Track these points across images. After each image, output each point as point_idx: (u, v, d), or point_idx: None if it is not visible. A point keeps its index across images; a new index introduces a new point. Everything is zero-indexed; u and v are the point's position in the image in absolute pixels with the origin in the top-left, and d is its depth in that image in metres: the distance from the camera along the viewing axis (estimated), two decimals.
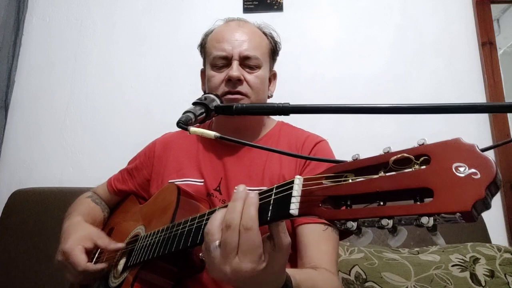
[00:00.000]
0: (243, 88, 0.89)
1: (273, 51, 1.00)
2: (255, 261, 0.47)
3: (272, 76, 1.03)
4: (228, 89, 0.89)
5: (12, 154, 1.78)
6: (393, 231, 0.36)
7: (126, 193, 1.06)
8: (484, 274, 1.10)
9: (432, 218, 0.32)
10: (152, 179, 0.99)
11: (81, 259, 0.78)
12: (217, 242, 0.49)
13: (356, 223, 0.38)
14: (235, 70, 0.88)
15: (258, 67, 0.92)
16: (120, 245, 0.82)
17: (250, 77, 0.90)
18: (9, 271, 1.39)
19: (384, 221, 0.35)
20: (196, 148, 0.97)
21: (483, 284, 1.08)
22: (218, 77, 0.91)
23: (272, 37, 1.01)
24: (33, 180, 1.69)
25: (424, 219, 0.33)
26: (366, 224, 0.37)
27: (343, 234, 0.84)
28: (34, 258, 1.40)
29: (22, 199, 1.52)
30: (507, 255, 1.16)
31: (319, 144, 0.93)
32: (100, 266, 0.79)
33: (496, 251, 1.18)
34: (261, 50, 0.93)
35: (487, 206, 0.32)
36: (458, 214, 0.31)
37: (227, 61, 0.91)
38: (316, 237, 0.79)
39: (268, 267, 0.48)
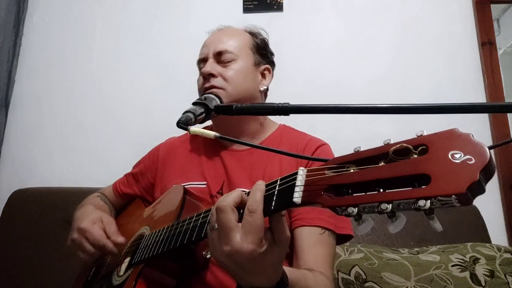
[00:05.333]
0: (217, 81, 0.91)
1: (258, 46, 1.00)
2: (255, 242, 0.48)
3: (267, 71, 1.02)
4: (205, 85, 0.93)
5: (12, 154, 1.78)
6: (392, 216, 0.37)
7: (131, 197, 1.07)
8: (484, 274, 1.10)
9: (429, 201, 0.34)
10: (156, 183, 1.01)
11: (100, 234, 0.81)
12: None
13: (356, 208, 0.39)
14: (206, 66, 0.93)
15: (232, 60, 0.93)
16: (121, 239, 0.82)
17: (224, 70, 0.93)
18: (9, 271, 1.39)
19: (383, 206, 0.36)
20: (199, 152, 0.99)
21: (483, 284, 1.08)
22: (200, 78, 0.97)
23: (255, 34, 1.02)
24: (33, 180, 1.69)
25: (421, 202, 0.34)
26: (366, 210, 0.38)
27: (342, 239, 0.85)
28: (34, 258, 1.40)
29: (22, 199, 1.52)
30: (507, 255, 1.16)
31: (321, 147, 0.94)
32: (120, 239, 0.81)
33: (496, 251, 1.18)
34: (236, 44, 0.95)
35: (481, 190, 0.33)
36: (453, 196, 0.33)
37: (206, 62, 0.95)
38: (313, 240, 0.79)
39: (267, 255, 0.49)
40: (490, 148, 0.35)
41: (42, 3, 1.97)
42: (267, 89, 1.02)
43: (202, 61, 0.97)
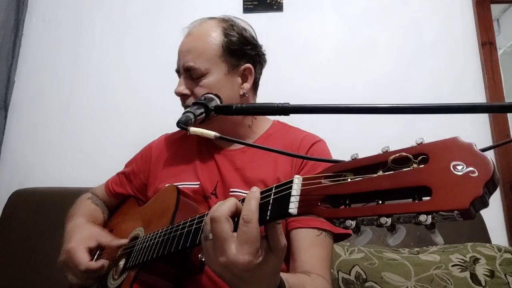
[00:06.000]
0: (189, 102, 0.88)
1: (230, 48, 0.90)
2: (252, 253, 0.47)
3: (247, 70, 0.92)
4: (182, 104, 0.92)
5: (12, 154, 1.78)
6: (392, 229, 0.36)
7: (124, 196, 1.06)
8: (484, 274, 1.10)
9: (430, 216, 0.32)
10: (149, 184, 0.99)
11: (83, 258, 0.79)
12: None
13: (355, 221, 0.37)
14: (177, 86, 0.90)
15: (202, 75, 0.88)
16: (123, 241, 0.82)
17: (195, 88, 0.89)
18: (9, 271, 1.39)
19: (383, 219, 0.35)
20: (192, 152, 0.97)
21: (483, 284, 1.08)
22: None
23: (228, 32, 0.91)
24: (33, 180, 1.69)
25: (422, 217, 0.33)
26: (365, 222, 0.37)
27: (339, 237, 0.84)
28: (34, 258, 1.40)
29: (22, 199, 1.52)
30: (507, 255, 1.16)
31: (316, 144, 0.91)
32: (101, 262, 0.79)
33: (496, 251, 1.18)
34: (205, 56, 0.88)
35: (485, 204, 0.32)
36: (456, 211, 0.31)
37: (180, 75, 0.93)
38: (310, 242, 0.78)
39: (263, 264, 0.48)
40: (490, 148, 0.34)
41: (42, 3, 1.97)
42: (256, 85, 0.98)
43: (177, 72, 0.94)
